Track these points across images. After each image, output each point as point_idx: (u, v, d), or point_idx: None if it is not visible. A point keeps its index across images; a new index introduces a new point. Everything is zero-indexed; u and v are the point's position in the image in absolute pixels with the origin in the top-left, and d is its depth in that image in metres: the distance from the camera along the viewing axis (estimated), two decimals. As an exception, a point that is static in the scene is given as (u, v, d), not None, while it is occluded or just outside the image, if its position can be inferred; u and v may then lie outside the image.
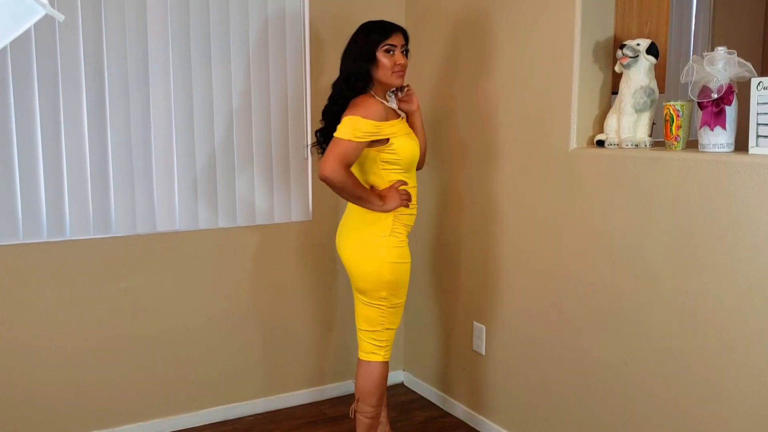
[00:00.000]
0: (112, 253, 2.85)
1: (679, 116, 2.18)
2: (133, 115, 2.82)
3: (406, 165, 2.47)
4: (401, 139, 2.44)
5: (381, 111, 2.38)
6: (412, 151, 2.48)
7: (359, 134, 2.33)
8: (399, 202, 2.43)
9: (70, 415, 2.83)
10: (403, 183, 2.47)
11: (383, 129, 2.38)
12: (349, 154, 2.35)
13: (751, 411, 1.95)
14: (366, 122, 2.34)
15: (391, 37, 2.42)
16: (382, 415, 2.77)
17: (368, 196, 2.41)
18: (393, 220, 2.46)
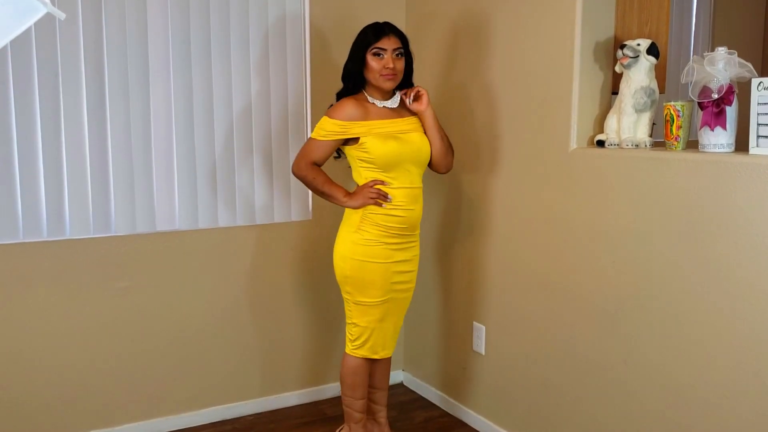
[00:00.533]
0: (112, 252, 2.85)
1: (679, 116, 2.18)
2: (133, 115, 2.82)
3: (382, 165, 2.48)
4: (374, 138, 2.46)
5: (350, 111, 2.45)
6: (389, 151, 2.47)
7: (322, 133, 2.49)
8: (364, 200, 2.48)
9: (70, 414, 2.83)
10: (379, 182, 2.49)
11: (350, 129, 2.46)
12: (312, 151, 2.52)
13: (751, 411, 1.95)
14: (330, 122, 2.47)
15: (381, 41, 2.45)
16: (381, 416, 2.76)
17: (331, 191, 2.53)
18: (361, 218, 2.51)
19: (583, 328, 2.47)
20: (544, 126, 2.57)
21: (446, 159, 2.62)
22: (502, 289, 2.85)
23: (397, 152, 2.48)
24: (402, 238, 2.57)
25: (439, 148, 2.58)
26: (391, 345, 2.66)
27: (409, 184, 2.55)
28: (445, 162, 2.63)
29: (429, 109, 2.55)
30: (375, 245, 2.51)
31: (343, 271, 2.55)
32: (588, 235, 2.42)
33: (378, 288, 2.54)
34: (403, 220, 2.55)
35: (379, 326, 2.59)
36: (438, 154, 2.59)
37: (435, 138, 2.57)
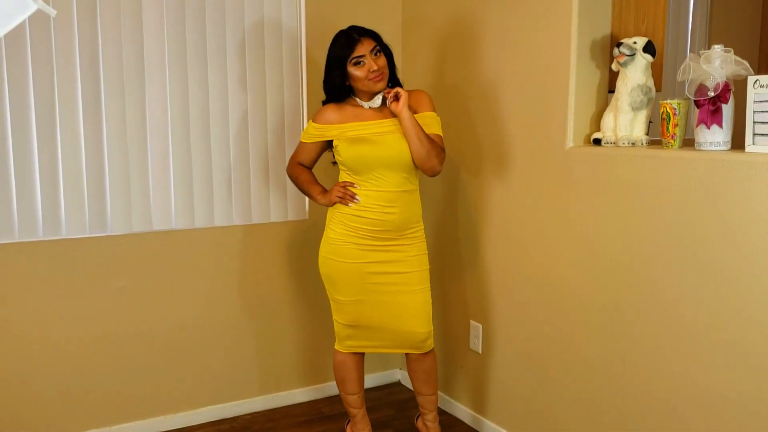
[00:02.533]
0: (109, 252, 2.84)
1: (675, 114, 2.18)
2: (129, 114, 2.82)
3: (352, 167, 2.52)
4: (344, 141, 2.51)
5: (327, 115, 2.55)
6: (358, 155, 2.48)
7: (305, 136, 2.64)
8: (331, 197, 2.56)
9: (67, 414, 2.83)
10: (350, 184, 2.53)
11: (326, 131, 2.55)
12: (299, 153, 2.68)
13: (747, 408, 1.95)
14: (312, 125, 2.60)
15: (357, 49, 2.43)
16: (429, 419, 2.75)
17: (309, 189, 2.67)
18: (330, 216, 2.62)
19: (580, 327, 2.47)
20: (540, 124, 2.57)
21: (428, 162, 2.46)
22: (499, 288, 2.85)
23: (365, 155, 2.47)
24: (380, 240, 2.53)
25: (417, 150, 2.43)
26: (391, 341, 2.62)
27: (385, 187, 2.49)
28: (427, 165, 2.47)
29: (405, 111, 2.41)
30: (342, 244, 2.55)
31: (320, 267, 2.66)
32: (584, 234, 2.42)
33: (349, 287, 2.56)
34: (376, 222, 2.50)
35: (358, 323, 2.60)
36: (417, 156, 2.45)
37: (412, 140, 2.42)
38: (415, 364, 2.67)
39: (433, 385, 2.71)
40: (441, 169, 2.53)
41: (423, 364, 2.66)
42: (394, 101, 2.44)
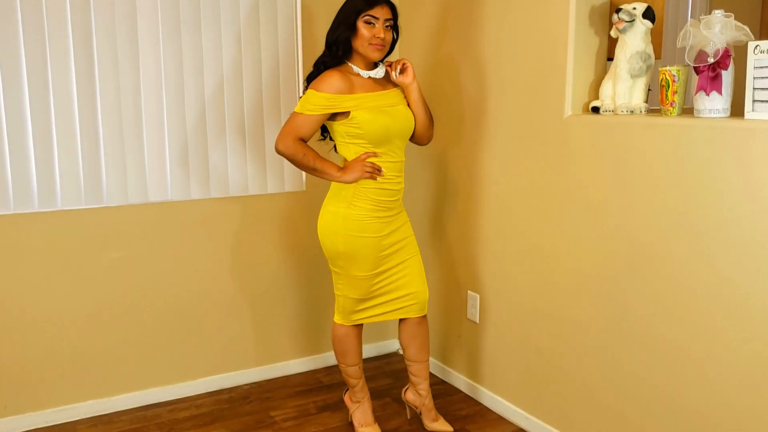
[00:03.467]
0: (105, 223, 2.83)
1: (675, 81, 2.15)
2: (123, 84, 2.78)
3: (373, 139, 2.44)
4: (365, 112, 2.41)
5: (338, 84, 2.39)
6: (381, 126, 2.43)
7: (310, 107, 2.40)
8: (360, 173, 2.44)
9: (65, 385, 2.84)
10: (372, 155, 2.45)
11: (340, 102, 2.40)
12: (300, 127, 2.43)
13: (742, 375, 1.96)
14: (318, 95, 2.39)
15: (375, 9, 2.40)
16: (422, 388, 2.75)
17: (323, 167, 2.46)
18: (354, 193, 2.48)
19: (577, 295, 2.47)
20: (538, 93, 2.54)
21: (429, 131, 2.62)
22: (497, 258, 2.85)
23: (387, 127, 2.45)
24: (391, 211, 2.56)
25: (424, 121, 2.57)
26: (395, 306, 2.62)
27: (398, 157, 2.53)
28: (428, 134, 2.62)
29: (415, 82, 2.52)
30: (368, 219, 2.50)
31: (336, 247, 2.52)
32: (582, 203, 2.41)
33: (370, 262, 2.53)
34: (393, 193, 2.54)
35: (370, 295, 2.59)
36: (423, 126, 2.57)
37: (420, 111, 2.56)
38: (414, 328, 2.68)
39: (428, 351, 2.74)
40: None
41: (421, 328, 2.69)
42: (401, 73, 2.49)
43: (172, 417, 2.90)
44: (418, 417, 2.82)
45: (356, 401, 2.76)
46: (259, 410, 2.96)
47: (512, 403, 2.83)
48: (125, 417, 2.89)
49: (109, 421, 2.86)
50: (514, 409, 2.81)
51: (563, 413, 2.59)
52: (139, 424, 2.83)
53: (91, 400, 2.90)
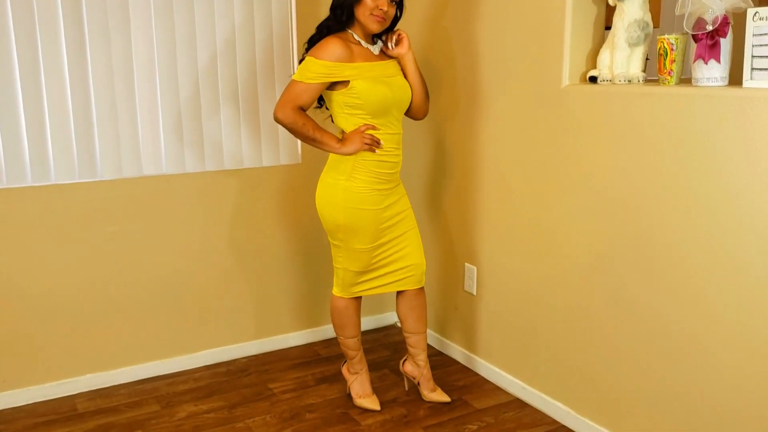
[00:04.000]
0: (99, 197, 2.82)
1: (673, 50, 2.13)
2: (115, 57, 2.75)
3: (372, 110, 2.41)
4: (365, 82, 2.38)
5: (338, 52, 2.34)
6: (380, 96, 2.40)
7: (310, 75, 2.35)
8: (359, 145, 2.41)
9: (63, 360, 2.85)
10: (371, 127, 2.43)
11: (339, 71, 2.35)
12: (300, 96, 2.38)
13: (737, 348, 1.97)
14: (317, 63, 2.34)
15: None
16: (420, 359, 2.75)
17: (323, 138, 2.42)
18: (353, 165, 2.46)
19: (574, 266, 2.47)
20: (535, 62, 2.52)
21: (426, 104, 2.60)
22: (494, 230, 2.85)
23: (386, 97, 2.43)
24: (389, 183, 2.54)
25: (420, 93, 2.55)
26: (394, 278, 2.63)
27: (396, 129, 2.52)
28: (424, 107, 2.60)
29: (410, 53, 2.50)
30: (368, 192, 2.49)
31: (336, 219, 2.51)
32: (579, 173, 2.40)
33: (370, 234, 2.52)
34: (393, 165, 2.53)
35: (370, 268, 2.59)
36: (419, 98, 2.56)
37: (417, 82, 2.54)
38: (412, 300, 2.69)
39: (426, 322, 2.75)
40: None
41: (419, 300, 2.70)
42: (397, 44, 2.48)
43: (170, 390, 2.91)
44: (416, 388, 2.83)
45: (354, 373, 2.78)
46: (257, 383, 2.97)
47: (509, 374, 2.85)
48: (124, 390, 2.91)
49: (108, 394, 2.88)
50: (511, 380, 2.83)
51: (560, 384, 2.61)
52: (137, 398, 2.85)
53: (90, 373, 2.91)
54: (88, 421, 2.67)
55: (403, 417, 2.67)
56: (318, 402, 2.80)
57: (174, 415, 2.71)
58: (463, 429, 2.58)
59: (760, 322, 1.91)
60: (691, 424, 2.13)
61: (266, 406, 2.77)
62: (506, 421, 2.64)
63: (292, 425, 2.62)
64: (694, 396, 2.11)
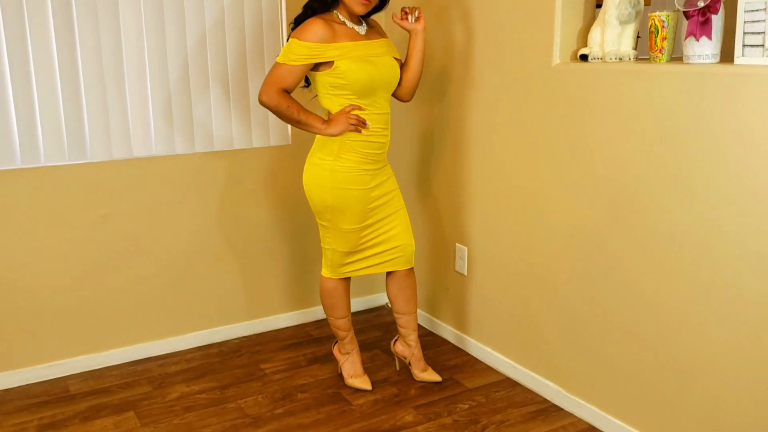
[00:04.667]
0: (89, 179, 2.80)
1: (664, 27, 2.12)
2: (103, 38, 2.72)
3: (357, 90, 2.40)
4: (349, 62, 2.37)
5: (321, 32, 2.33)
6: (365, 76, 2.39)
7: (293, 57, 2.34)
8: (345, 126, 2.41)
9: (55, 341, 2.85)
10: (356, 107, 2.42)
11: (323, 51, 2.34)
12: (284, 78, 2.37)
13: (725, 321, 1.98)
14: (300, 44, 2.33)
15: None
16: (411, 339, 2.76)
17: (308, 119, 2.42)
18: (340, 146, 2.45)
19: (565, 245, 2.48)
20: (526, 41, 2.50)
21: (416, 87, 2.62)
22: (484, 210, 2.85)
23: (372, 76, 2.41)
24: (377, 163, 2.54)
25: (418, 73, 2.57)
26: (383, 259, 2.63)
27: (384, 108, 2.50)
28: (414, 89, 2.62)
29: (424, 33, 2.54)
30: (355, 172, 2.48)
31: (324, 200, 2.50)
32: (570, 152, 2.40)
33: (358, 215, 2.52)
34: (380, 145, 2.52)
35: (358, 248, 2.59)
36: (415, 78, 2.58)
37: (419, 62, 2.56)
38: (402, 281, 2.69)
39: (416, 303, 2.76)
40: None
41: (409, 280, 2.70)
42: (417, 20, 2.51)
43: (162, 371, 2.91)
44: (407, 368, 2.84)
45: (345, 353, 2.78)
46: (249, 363, 2.97)
47: (500, 353, 2.86)
48: (116, 372, 2.91)
49: (100, 375, 2.88)
50: (502, 359, 2.84)
51: (550, 362, 2.62)
52: (129, 379, 2.85)
53: (82, 355, 2.91)
54: (80, 403, 2.67)
55: (395, 396, 2.68)
56: (310, 382, 2.81)
57: (166, 395, 2.72)
58: (454, 408, 2.60)
59: (752, 297, 1.91)
60: (682, 401, 2.14)
61: (258, 387, 2.77)
62: (497, 400, 2.65)
63: (284, 405, 2.63)
64: (686, 372, 2.12)
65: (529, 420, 2.51)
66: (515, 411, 2.57)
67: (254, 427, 2.49)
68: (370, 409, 2.60)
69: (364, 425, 2.49)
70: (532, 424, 2.48)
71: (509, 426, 2.47)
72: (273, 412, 2.58)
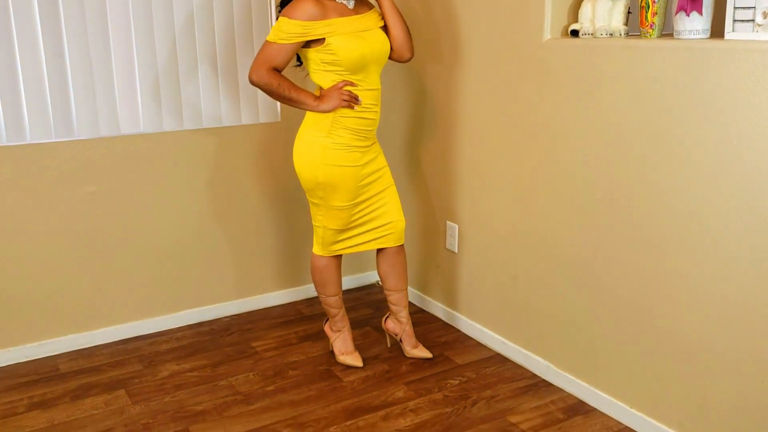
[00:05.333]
0: (77, 156, 2.78)
1: (654, 2, 2.11)
2: (89, 10, 2.68)
3: (349, 65, 2.38)
4: (341, 38, 2.35)
5: (311, 10, 2.31)
6: (356, 51, 2.37)
7: (283, 35, 2.33)
8: (338, 102, 2.39)
9: (44, 320, 2.84)
10: (348, 83, 2.40)
11: (313, 29, 2.33)
12: (274, 57, 2.36)
13: (717, 301, 1.99)
14: (291, 23, 2.32)
15: None
16: (402, 316, 2.77)
17: (300, 96, 2.41)
18: (331, 122, 2.43)
19: (555, 223, 2.48)
20: (516, 16, 2.49)
21: (408, 42, 2.51)
22: (475, 188, 2.84)
23: (363, 52, 2.39)
24: (368, 140, 2.53)
25: (402, 32, 2.49)
26: (375, 236, 2.63)
27: (375, 84, 2.48)
28: (407, 45, 2.51)
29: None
30: (346, 149, 2.47)
31: (315, 177, 2.49)
32: (561, 129, 2.39)
33: (350, 192, 2.51)
34: (371, 122, 2.50)
35: (349, 225, 2.58)
36: (402, 38, 2.49)
37: (398, 22, 2.48)
38: (393, 258, 2.69)
39: (407, 280, 2.77)
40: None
41: (399, 257, 2.70)
42: None
43: (153, 350, 2.91)
44: (398, 345, 2.85)
45: (336, 331, 2.79)
46: (240, 341, 2.98)
47: (490, 330, 2.88)
48: (106, 350, 2.90)
49: (90, 354, 2.87)
50: (492, 335, 2.86)
51: (540, 338, 2.63)
52: (119, 357, 2.85)
53: (71, 334, 2.90)
54: (70, 381, 2.67)
55: (386, 373, 2.70)
56: (301, 359, 2.82)
57: (157, 374, 2.72)
58: (445, 384, 2.61)
59: (742, 271, 1.93)
60: (671, 375, 2.16)
61: (249, 364, 2.78)
62: (487, 375, 2.67)
63: (276, 382, 2.64)
64: (674, 348, 2.14)
65: (519, 395, 2.53)
66: (505, 386, 2.59)
67: (246, 405, 2.49)
68: (362, 385, 2.61)
69: (355, 401, 2.50)
70: (522, 399, 2.50)
71: (499, 401, 2.49)
72: (264, 390, 2.59)
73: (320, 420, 2.40)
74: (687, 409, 2.12)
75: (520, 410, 2.44)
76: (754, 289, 1.90)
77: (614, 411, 2.36)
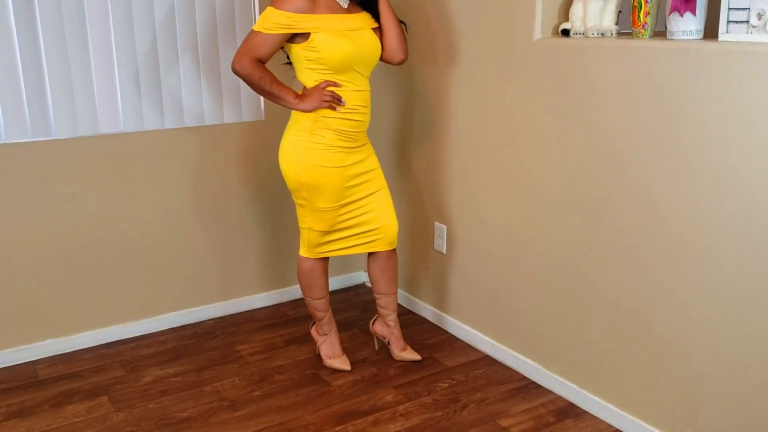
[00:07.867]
0: (55, 157, 2.70)
1: (647, 2, 2.08)
2: (65, 3, 2.59)
3: (333, 65, 2.33)
4: (326, 35, 2.29)
5: (300, 3, 2.26)
6: (341, 50, 2.31)
7: (269, 25, 2.27)
8: (318, 103, 2.34)
9: (22, 325, 2.76)
10: (332, 84, 2.35)
11: (299, 21, 2.27)
12: (258, 47, 2.30)
13: (709, 304, 1.98)
14: (278, 13, 2.26)
15: None
16: (390, 319, 2.73)
17: (281, 92, 2.36)
18: (313, 122, 2.39)
19: (545, 224, 2.46)
20: (507, 15, 2.45)
21: (402, 44, 2.46)
22: (464, 189, 2.81)
23: (350, 53, 2.33)
24: (356, 142, 2.48)
25: (396, 34, 2.43)
26: (364, 239, 2.58)
27: (363, 86, 2.43)
28: (403, 46, 2.46)
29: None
30: (330, 150, 2.42)
31: (299, 177, 2.44)
32: (552, 129, 2.37)
33: (334, 193, 2.47)
34: (358, 124, 2.45)
35: (335, 228, 2.54)
36: (396, 40, 2.44)
37: (392, 23, 2.43)
38: (384, 262, 2.65)
39: (397, 284, 2.73)
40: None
41: (391, 261, 2.66)
42: None
43: (135, 354, 2.85)
44: (387, 347, 2.82)
45: (323, 334, 2.75)
46: (224, 345, 2.92)
47: (479, 332, 2.85)
48: (87, 355, 2.83)
49: (70, 359, 2.80)
50: (481, 337, 2.84)
51: (529, 340, 2.61)
52: (101, 362, 2.78)
53: (51, 338, 2.83)
54: (50, 388, 2.60)
55: (374, 376, 2.66)
56: (287, 363, 2.77)
57: (140, 379, 2.66)
58: (434, 387, 2.58)
59: (735, 273, 1.92)
60: (662, 378, 2.15)
61: (235, 369, 2.73)
62: (477, 378, 2.65)
63: (262, 387, 2.59)
64: (665, 350, 2.13)
65: (509, 398, 2.51)
66: (494, 389, 2.57)
67: (232, 410, 2.44)
68: (350, 389, 2.57)
69: (343, 406, 2.47)
70: (512, 402, 2.48)
71: (489, 404, 2.47)
72: (251, 395, 2.54)
73: (309, 426, 2.35)
74: (678, 411, 2.11)
75: (511, 413, 2.42)
76: (745, 293, 1.89)
77: (605, 414, 2.35)
